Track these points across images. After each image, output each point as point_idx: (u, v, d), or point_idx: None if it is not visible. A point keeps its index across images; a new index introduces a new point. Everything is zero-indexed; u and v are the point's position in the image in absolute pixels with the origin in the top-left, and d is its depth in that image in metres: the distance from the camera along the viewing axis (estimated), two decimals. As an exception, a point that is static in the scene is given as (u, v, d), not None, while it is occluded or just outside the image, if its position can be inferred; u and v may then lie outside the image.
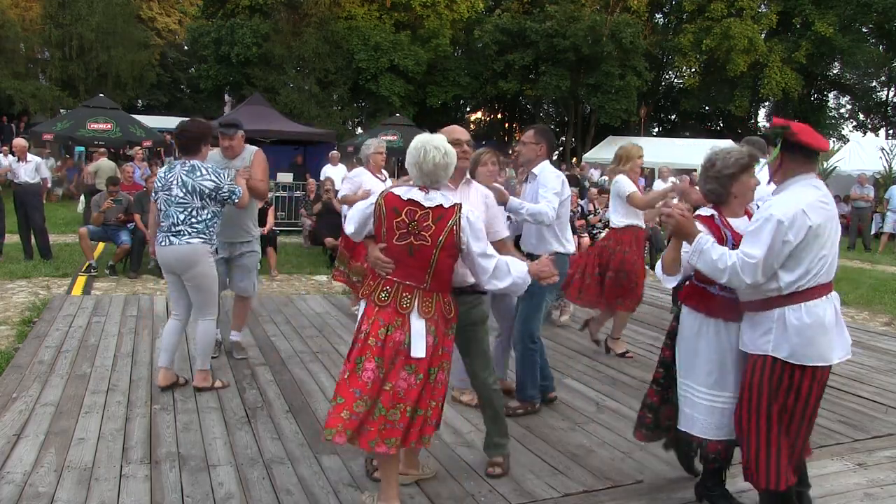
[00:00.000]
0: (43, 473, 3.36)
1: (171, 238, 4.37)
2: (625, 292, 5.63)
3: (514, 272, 2.99)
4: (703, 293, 3.12)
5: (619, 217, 5.64)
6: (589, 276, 5.76)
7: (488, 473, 3.53)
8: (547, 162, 4.47)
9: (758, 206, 3.09)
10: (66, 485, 3.26)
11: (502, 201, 4.02)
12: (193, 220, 4.37)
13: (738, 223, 3.07)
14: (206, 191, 4.36)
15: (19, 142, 9.33)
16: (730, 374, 3.04)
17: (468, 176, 3.62)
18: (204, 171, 4.38)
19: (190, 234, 4.35)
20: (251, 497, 3.23)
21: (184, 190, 4.35)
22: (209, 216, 4.43)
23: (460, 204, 2.99)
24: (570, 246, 4.50)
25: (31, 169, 9.07)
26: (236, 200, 4.48)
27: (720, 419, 3.06)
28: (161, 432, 3.90)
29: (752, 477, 2.94)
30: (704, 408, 3.08)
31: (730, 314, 3.04)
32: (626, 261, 5.58)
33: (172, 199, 4.37)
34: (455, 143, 3.23)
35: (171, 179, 4.40)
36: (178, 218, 4.36)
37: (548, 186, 4.27)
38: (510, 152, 22.06)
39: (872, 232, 16.25)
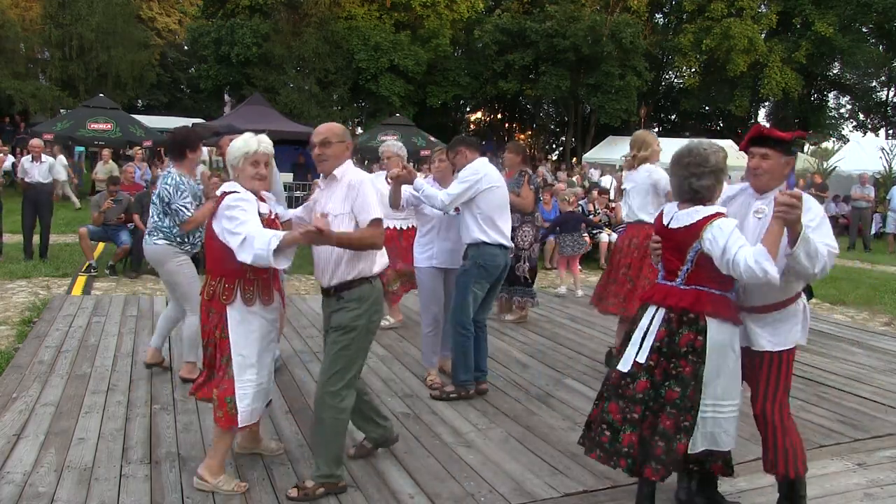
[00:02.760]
0: (43, 473, 3.36)
1: (147, 237, 4.67)
2: None
3: (255, 247, 2.96)
4: (727, 301, 2.93)
5: (651, 212, 4.88)
6: (613, 280, 5.18)
7: (288, 495, 3.21)
8: (476, 160, 4.56)
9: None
10: (66, 485, 3.26)
11: (409, 180, 4.39)
12: (159, 222, 4.58)
13: None
14: (165, 198, 4.48)
15: (36, 142, 9.46)
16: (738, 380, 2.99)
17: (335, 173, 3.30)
18: (169, 181, 4.52)
19: (158, 235, 4.59)
20: (251, 497, 3.23)
21: (156, 193, 4.60)
22: (171, 224, 4.55)
23: (226, 193, 3.19)
24: (497, 236, 4.50)
25: (45, 169, 9.23)
26: (178, 223, 4.52)
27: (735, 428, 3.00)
28: (161, 432, 3.90)
29: (780, 467, 2.99)
30: (733, 420, 2.95)
31: (739, 319, 2.98)
32: None
33: (153, 199, 4.64)
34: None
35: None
36: (153, 218, 4.62)
37: (459, 176, 4.47)
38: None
39: (873, 232, 16.26)
